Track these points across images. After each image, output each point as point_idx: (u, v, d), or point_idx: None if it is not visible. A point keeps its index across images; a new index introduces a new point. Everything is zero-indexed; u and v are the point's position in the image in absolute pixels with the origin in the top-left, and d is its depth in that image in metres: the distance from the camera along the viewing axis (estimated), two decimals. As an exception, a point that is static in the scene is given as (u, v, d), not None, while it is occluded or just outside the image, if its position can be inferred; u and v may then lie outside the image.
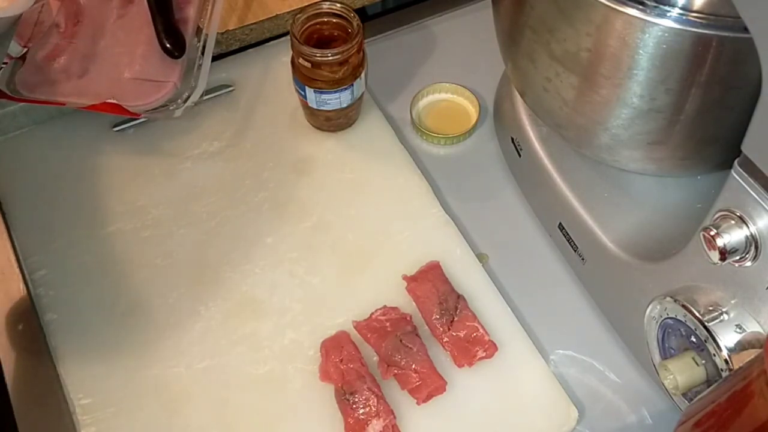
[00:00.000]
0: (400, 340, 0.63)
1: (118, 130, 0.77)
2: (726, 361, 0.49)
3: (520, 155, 0.72)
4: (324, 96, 0.72)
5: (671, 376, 0.52)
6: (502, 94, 0.77)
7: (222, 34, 0.79)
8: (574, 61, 0.55)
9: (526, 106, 0.70)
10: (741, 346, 0.49)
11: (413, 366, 0.62)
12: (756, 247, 0.47)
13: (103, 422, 0.61)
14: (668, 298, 0.53)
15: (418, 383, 0.61)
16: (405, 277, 0.67)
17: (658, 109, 0.53)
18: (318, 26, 0.72)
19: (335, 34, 0.72)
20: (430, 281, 0.66)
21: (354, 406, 0.60)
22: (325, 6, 0.72)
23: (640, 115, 0.54)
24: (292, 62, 0.72)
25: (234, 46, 0.82)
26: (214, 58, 0.76)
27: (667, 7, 0.48)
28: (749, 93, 0.45)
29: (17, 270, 0.69)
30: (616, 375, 0.65)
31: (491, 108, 0.80)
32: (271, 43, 0.83)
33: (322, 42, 0.72)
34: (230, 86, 0.80)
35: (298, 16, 0.71)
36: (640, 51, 0.50)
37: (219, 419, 0.61)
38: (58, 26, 0.76)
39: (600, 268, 0.65)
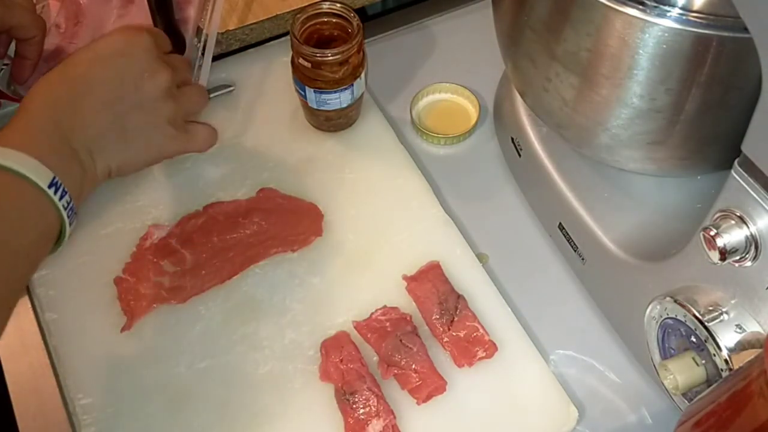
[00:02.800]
0: (400, 340, 0.63)
1: (118, 130, 0.76)
2: (726, 361, 0.49)
3: (520, 155, 0.72)
4: (324, 96, 0.72)
5: (671, 376, 0.52)
6: (502, 94, 0.77)
7: (222, 34, 0.79)
8: (574, 61, 0.55)
9: (526, 106, 0.70)
10: (741, 346, 0.49)
11: (413, 366, 0.62)
12: (756, 247, 0.47)
13: (103, 422, 0.61)
14: (668, 298, 0.53)
15: (418, 383, 0.61)
16: (405, 277, 0.67)
17: (658, 109, 0.53)
18: (318, 26, 0.72)
19: (335, 34, 0.72)
20: (430, 281, 0.66)
21: (354, 406, 0.60)
22: (325, 6, 0.72)
23: (640, 115, 0.54)
24: (292, 62, 0.72)
25: (234, 46, 0.82)
26: (215, 58, 0.76)
27: (667, 7, 0.48)
28: (749, 93, 0.45)
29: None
30: (616, 375, 0.65)
31: (491, 108, 0.80)
32: (271, 43, 0.83)
33: (322, 42, 0.72)
34: (230, 86, 0.79)
35: (298, 16, 0.71)
36: (640, 51, 0.50)
37: (219, 419, 0.61)
38: (58, 27, 0.77)
39: (600, 268, 0.65)
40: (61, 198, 0.53)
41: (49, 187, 0.52)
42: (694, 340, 0.52)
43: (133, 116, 0.59)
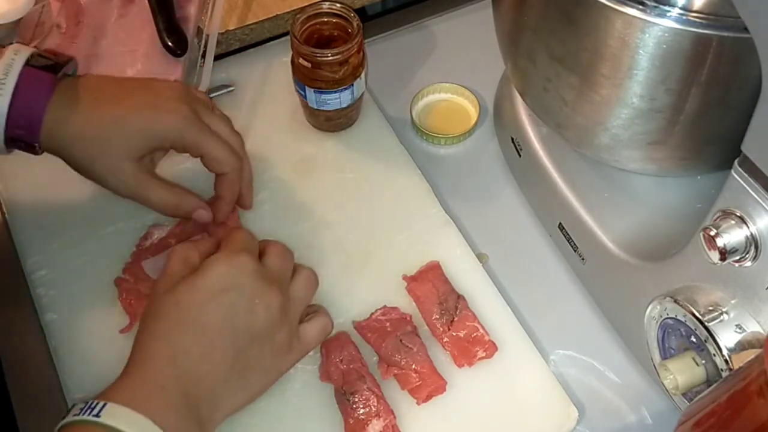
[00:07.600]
0: (400, 340, 0.63)
1: (118, 130, 0.76)
2: (726, 361, 0.49)
3: (520, 155, 0.72)
4: (324, 96, 0.72)
5: (671, 376, 0.52)
6: (502, 94, 0.77)
7: (222, 34, 0.79)
8: (574, 61, 0.55)
9: (526, 106, 0.70)
10: (741, 346, 0.49)
11: (413, 366, 0.62)
12: (756, 247, 0.47)
13: (103, 422, 0.60)
14: (668, 298, 0.53)
15: (418, 383, 0.61)
16: (405, 277, 0.67)
17: (658, 109, 0.53)
18: (318, 26, 0.72)
19: (335, 34, 0.72)
20: (430, 281, 0.66)
21: (354, 406, 0.60)
22: (325, 6, 0.72)
23: (640, 115, 0.54)
24: (292, 62, 0.72)
25: (234, 46, 0.82)
26: (215, 58, 0.76)
27: (667, 7, 0.48)
28: (749, 93, 0.45)
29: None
30: (616, 375, 0.65)
31: (491, 108, 0.80)
32: (271, 43, 0.83)
33: (322, 42, 0.72)
34: (231, 86, 0.79)
35: (298, 16, 0.71)
36: (640, 51, 0.50)
37: (219, 419, 0.61)
38: (59, 27, 0.77)
39: (600, 268, 0.65)
40: None
41: None
42: (694, 340, 0.52)
43: (251, 350, 0.55)
